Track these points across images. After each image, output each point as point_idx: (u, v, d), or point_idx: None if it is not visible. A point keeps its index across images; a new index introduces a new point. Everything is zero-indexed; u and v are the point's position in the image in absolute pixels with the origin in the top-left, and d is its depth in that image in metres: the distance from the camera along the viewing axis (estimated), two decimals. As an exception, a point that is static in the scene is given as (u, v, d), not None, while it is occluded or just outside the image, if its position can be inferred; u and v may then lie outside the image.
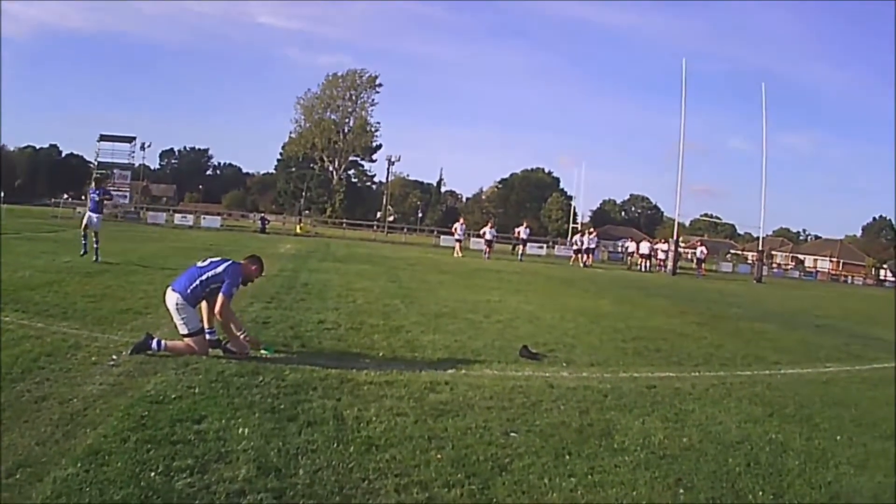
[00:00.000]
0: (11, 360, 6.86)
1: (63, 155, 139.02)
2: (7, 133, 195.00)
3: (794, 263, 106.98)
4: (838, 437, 6.96)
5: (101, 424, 5.25)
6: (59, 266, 15.76)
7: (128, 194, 64.73)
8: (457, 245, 41.14)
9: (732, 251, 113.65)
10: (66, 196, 70.38)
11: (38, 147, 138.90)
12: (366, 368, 7.87)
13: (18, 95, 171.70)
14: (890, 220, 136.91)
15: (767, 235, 76.08)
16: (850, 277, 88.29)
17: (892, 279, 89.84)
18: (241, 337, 8.13)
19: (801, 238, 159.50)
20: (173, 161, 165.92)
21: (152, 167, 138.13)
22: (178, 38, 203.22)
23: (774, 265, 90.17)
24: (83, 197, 74.96)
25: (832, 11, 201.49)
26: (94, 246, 17.75)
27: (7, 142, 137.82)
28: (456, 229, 42.17)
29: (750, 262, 76.22)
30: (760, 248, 56.87)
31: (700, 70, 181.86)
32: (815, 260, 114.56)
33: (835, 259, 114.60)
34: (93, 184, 19.66)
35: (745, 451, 6.19)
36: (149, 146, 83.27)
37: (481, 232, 43.80)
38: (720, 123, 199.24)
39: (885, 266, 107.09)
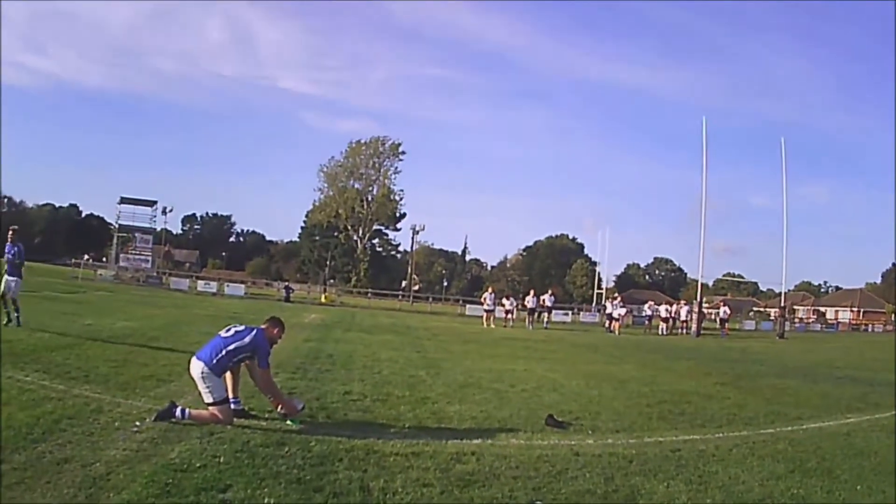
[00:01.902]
0: (33, 420, 6.90)
1: (83, 215, 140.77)
2: (25, 189, 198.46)
3: (815, 316, 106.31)
4: (858, 487, 7.08)
5: (124, 490, 5.21)
6: (81, 329, 15.86)
7: (150, 258, 65.05)
8: (486, 315, 40.67)
9: (755, 308, 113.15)
10: (86, 257, 71.18)
11: (57, 205, 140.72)
12: (392, 439, 7.78)
13: (38, 152, 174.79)
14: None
15: (789, 290, 75.72)
16: (870, 326, 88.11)
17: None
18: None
19: (822, 290, 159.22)
20: (196, 226, 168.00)
21: (174, 232, 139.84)
22: (199, 100, 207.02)
23: (797, 320, 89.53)
24: (104, 259, 75.87)
25: (849, 61, 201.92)
26: (15, 314, 15.47)
27: (25, 198, 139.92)
28: (485, 299, 41.79)
29: (773, 318, 75.77)
30: (782, 303, 56.54)
31: (720, 127, 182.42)
32: (836, 311, 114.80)
33: (855, 308, 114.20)
34: (8, 239, 16.11)
35: None
36: (170, 211, 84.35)
37: (502, 302, 43.64)
38: (741, 180, 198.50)
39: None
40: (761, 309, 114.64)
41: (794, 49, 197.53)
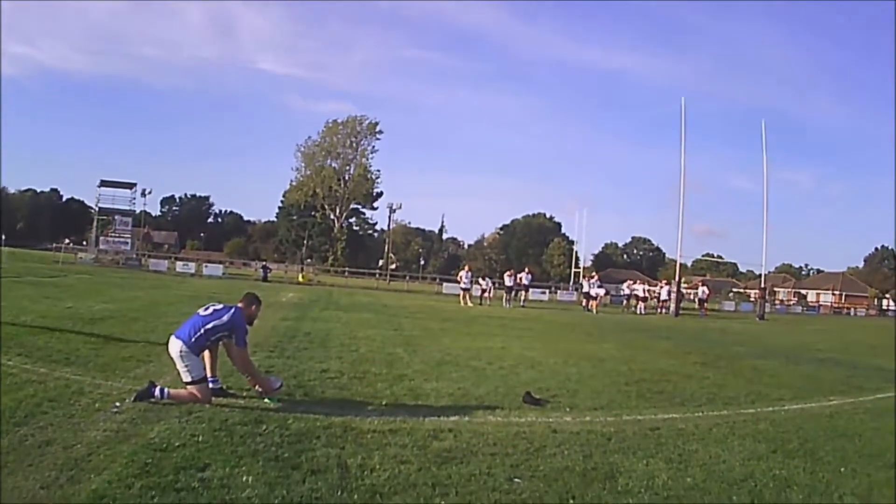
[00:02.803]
0: (15, 404, 6.92)
1: (64, 199, 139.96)
2: (7, 175, 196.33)
3: (796, 299, 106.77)
4: (842, 469, 7.01)
5: (105, 470, 5.26)
6: (62, 312, 15.86)
7: (129, 241, 64.83)
8: (462, 293, 40.52)
9: (735, 289, 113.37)
10: (67, 241, 70.77)
11: (38, 190, 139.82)
12: (369, 417, 7.84)
13: (19, 137, 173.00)
14: (892, 249, 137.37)
15: (769, 272, 75.93)
16: (852, 309, 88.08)
17: (895, 308, 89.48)
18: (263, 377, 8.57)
19: (803, 273, 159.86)
20: (174, 208, 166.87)
21: (153, 214, 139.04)
22: (179, 83, 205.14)
23: (777, 301, 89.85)
24: (84, 242, 75.47)
25: (832, 46, 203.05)
26: None
27: (7, 184, 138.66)
28: (461, 277, 41.63)
29: (752, 299, 75.89)
30: (762, 285, 56.73)
31: (701, 109, 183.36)
32: (818, 294, 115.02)
33: (837, 292, 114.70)
34: None
35: (749, 488, 6.20)
36: (149, 193, 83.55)
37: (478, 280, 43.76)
38: (722, 162, 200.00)
39: (887, 296, 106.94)
40: (741, 290, 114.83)
41: (778, 34, 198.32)
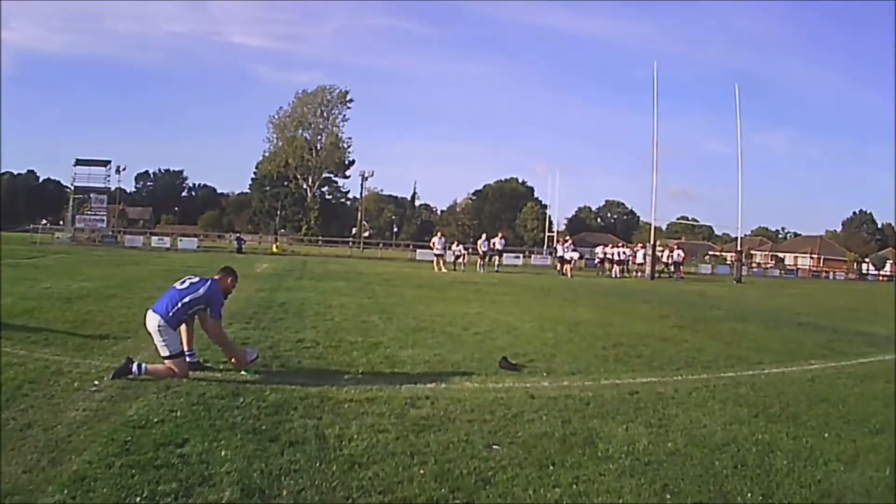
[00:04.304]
0: (-4, 388, 6.87)
1: (40, 180, 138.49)
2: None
3: (773, 262, 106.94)
4: (826, 435, 6.97)
5: (85, 450, 5.28)
6: (40, 292, 15.76)
7: (105, 218, 64.37)
8: (436, 259, 40.44)
9: (711, 252, 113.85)
10: (44, 221, 70.26)
11: (15, 173, 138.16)
12: (346, 386, 7.88)
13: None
14: (870, 213, 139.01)
15: (746, 235, 76.20)
16: (831, 273, 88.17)
17: (875, 273, 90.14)
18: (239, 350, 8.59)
19: (780, 236, 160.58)
20: (149, 184, 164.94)
21: (128, 190, 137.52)
22: (151, 58, 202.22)
23: (754, 265, 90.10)
24: (61, 222, 74.99)
25: (805, 9, 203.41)
26: None
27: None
28: (434, 243, 41.49)
29: (729, 262, 76.12)
30: (739, 248, 56.88)
31: (675, 73, 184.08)
32: (796, 257, 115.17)
33: (815, 255, 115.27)
34: None
35: (732, 452, 6.19)
36: (124, 169, 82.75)
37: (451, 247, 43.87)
38: (697, 126, 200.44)
39: (866, 260, 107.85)
40: (717, 253, 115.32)
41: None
